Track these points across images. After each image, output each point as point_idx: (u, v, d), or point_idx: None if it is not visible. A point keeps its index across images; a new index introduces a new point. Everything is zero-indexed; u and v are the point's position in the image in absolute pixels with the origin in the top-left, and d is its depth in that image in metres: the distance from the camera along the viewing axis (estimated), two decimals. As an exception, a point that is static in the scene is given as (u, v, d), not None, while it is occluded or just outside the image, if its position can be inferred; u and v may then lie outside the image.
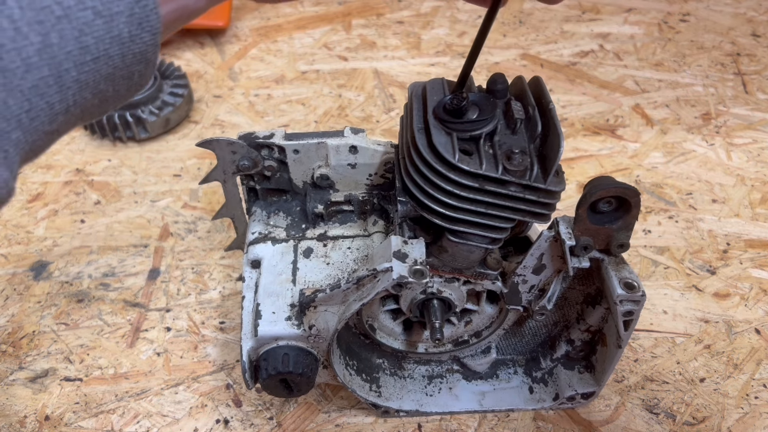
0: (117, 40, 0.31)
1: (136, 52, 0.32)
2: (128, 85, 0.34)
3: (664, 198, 0.86)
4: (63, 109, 0.31)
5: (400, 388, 0.64)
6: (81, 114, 0.33)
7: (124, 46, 0.31)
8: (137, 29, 0.32)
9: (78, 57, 0.30)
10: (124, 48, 0.32)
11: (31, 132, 0.31)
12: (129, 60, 0.32)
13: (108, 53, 0.31)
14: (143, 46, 0.33)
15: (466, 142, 0.47)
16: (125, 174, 0.92)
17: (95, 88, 0.32)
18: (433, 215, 0.49)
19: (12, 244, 0.82)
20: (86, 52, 0.30)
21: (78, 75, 0.31)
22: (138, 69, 0.34)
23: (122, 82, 0.33)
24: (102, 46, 0.31)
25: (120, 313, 0.74)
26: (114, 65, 0.32)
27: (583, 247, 0.50)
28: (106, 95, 0.33)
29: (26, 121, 0.30)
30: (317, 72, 1.10)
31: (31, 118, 0.30)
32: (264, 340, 0.53)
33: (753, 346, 0.69)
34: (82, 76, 0.31)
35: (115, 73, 0.32)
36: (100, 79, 0.32)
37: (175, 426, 0.64)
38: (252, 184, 0.63)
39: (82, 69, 0.31)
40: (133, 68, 0.33)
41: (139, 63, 0.33)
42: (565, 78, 1.07)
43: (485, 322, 0.62)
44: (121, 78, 0.33)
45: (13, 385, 0.67)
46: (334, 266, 0.58)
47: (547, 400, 0.64)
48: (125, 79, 0.34)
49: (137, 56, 0.33)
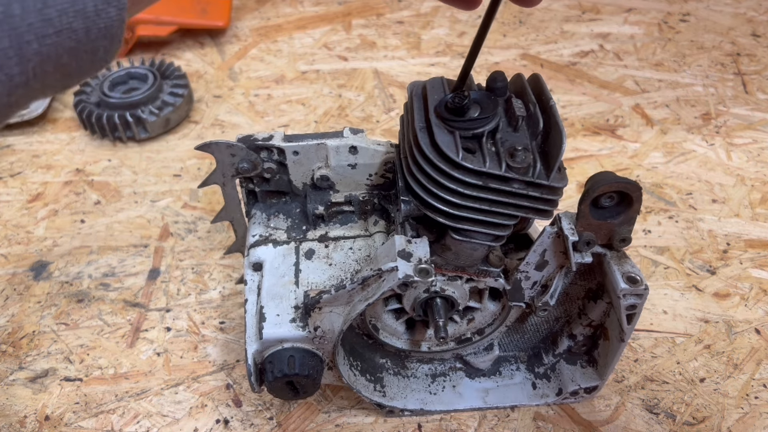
0: (81, 14, 0.30)
1: (101, 27, 0.32)
2: (92, 60, 0.33)
3: (664, 198, 0.86)
4: (23, 81, 0.31)
5: (403, 387, 0.64)
6: (42, 87, 0.32)
7: (88, 20, 0.31)
8: (102, 3, 0.31)
9: (40, 29, 0.29)
10: (88, 22, 0.31)
11: None
12: (94, 35, 0.32)
13: (72, 26, 0.30)
14: (108, 21, 0.32)
15: (469, 140, 0.47)
16: (125, 174, 0.92)
17: (57, 61, 0.31)
18: (437, 214, 0.49)
19: (12, 244, 0.82)
20: (49, 24, 0.30)
21: (40, 48, 0.30)
22: (103, 44, 0.33)
23: (86, 56, 0.33)
24: (65, 19, 0.30)
25: (120, 313, 0.74)
26: (78, 39, 0.31)
27: (585, 242, 0.50)
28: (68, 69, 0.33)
29: None
30: (317, 72, 1.10)
31: None
32: (269, 343, 0.53)
33: (753, 346, 0.69)
34: (44, 49, 0.30)
35: (78, 47, 0.32)
36: (63, 52, 0.31)
37: (175, 426, 0.64)
38: (251, 186, 0.63)
39: (44, 42, 0.30)
40: (98, 43, 0.32)
41: (104, 38, 0.33)
42: (565, 78, 1.07)
43: (488, 320, 0.62)
44: (85, 53, 0.32)
45: (13, 385, 0.67)
46: (336, 267, 0.58)
47: (550, 395, 0.64)
48: (89, 54, 0.33)
49: (102, 31, 0.32)
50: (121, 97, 0.96)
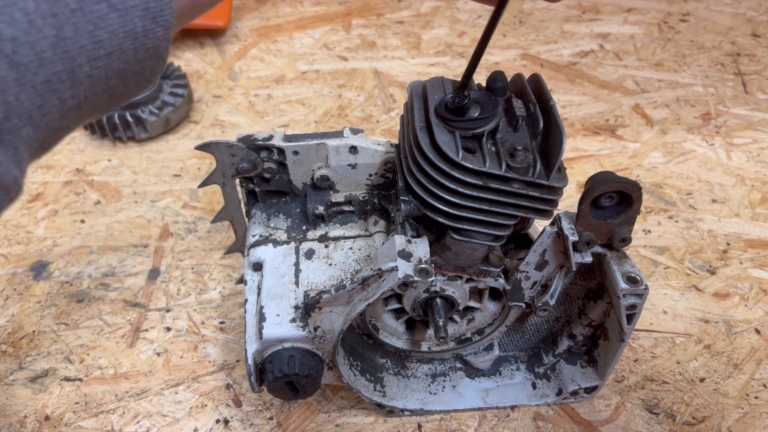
0: (131, 35, 0.30)
1: (149, 47, 0.32)
2: (138, 81, 0.34)
3: (664, 198, 0.86)
4: (74, 105, 0.31)
5: (404, 387, 0.64)
6: (91, 110, 0.32)
7: (137, 41, 0.31)
8: (151, 23, 0.31)
9: (91, 51, 0.29)
10: (137, 43, 0.31)
11: (42, 128, 0.30)
12: (141, 55, 0.32)
13: (121, 48, 0.30)
14: (156, 41, 0.32)
15: (469, 140, 0.47)
16: (125, 174, 0.92)
17: (106, 83, 0.31)
18: (437, 214, 0.49)
19: (12, 244, 0.82)
20: (100, 46, 0.30)
21: (91, 70, 0.30)
22: (149, 64, 0.33)
23: (133, 77, 0.33)
24: (116, 40, 0.30)
25: (120, 313, 0.74)
26: (126, 60, 0.31)
27: (585, 242, 0.50)
28: (116, 91, 0.33)
29: (37, 117, 0.29)
30: (317, 72, 1.10)
31: (43, 114, 0.29)
32: (269, 343, 0.53)
33: (753, 346, 0.69)
34: (94, 72, 0.30)
35: (126, 68, 0.32)
36: (112, 74, 0.31)
37: (175, 426, 0.63)
38: (251, 186, 0.63)
39: (95, 64, 0.30)
40: (145, 63, 0.33)
41: (151, 58, 0.33)
42: (565, 78, 1.07)
43: (488, 320, 0.62)
44: (132, 74, 0.33)
45: (13, 385, 0.67)
46: (336, 267, 0.58)
47: (550, 395, 0.64)
48: (136, 75, 0.33)
49: (150, 51, 0.32)
50: (121, 97, 0.96)
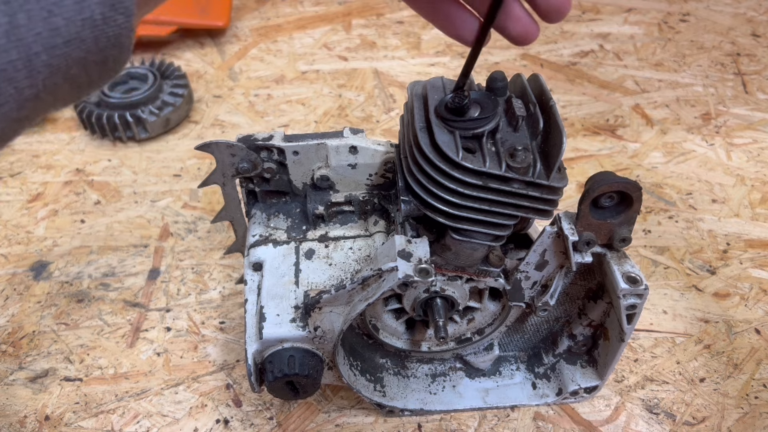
0: (89, 22, 0.29)
1: (110, 36, 0.31)
2: (101, 71, 0.33)
3: (664, 198, 0.86)
4: (32, 94, 0.30)
5: (404, 387, 0.64)
6: (53, 100, 0.32)
7: (96, 29, 0.30)
8: (110, 11, 0.30)
9: (48, 39, 0.28)
10: (96, 31, 0.30)
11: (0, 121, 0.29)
12: (103, 44, 0.31)
13: (80, 36, 0.29)
14: (117, 29, 0.31)
15: (469, 140, 0.47)
16: (125, 174, 0.92)
17: (67, 73, 0.31)
18: (437, 214, 0.49)
19: (12, 244, 0.82)
20: (56, 34, 0.29)
21: (48, 59, 0.29)
22: (113, 54, 0.32)
23: (96, 67, 0.32)
24: (73, 28, 0.29)
25: (120, 313, 0.74)
26: (87, 49, 0.30)
27: (585, 242, 0.50)
28: (79, 81, 0.32)
29: None
30: (317, 72, 1.10)
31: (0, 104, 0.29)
32: (269, 343, 0.53)
33: (753, 346, 0.69)
34: (53, 60, 0.29)
35: (87, 57, 0.31)
36: (72, 63, 0.30)
37: (175, 426, 0.63)
38: (251, 186, 0.63)
39: (52, 53, 0.29)
40: (108, 53, 0.32)
41: (113, 47, 0.32)
42: (565, 78, 1.07)
43: (488, 320, 0.62)
44: (95, 63, 0.32)
45: (13, 385, 0.67)
46: (336, 267, 0.58)
47: (550, 395, 0.64)
48: (99, 65, 0.32)
49: (111, 40, 0.31)
50: (121, 97, 0.96)
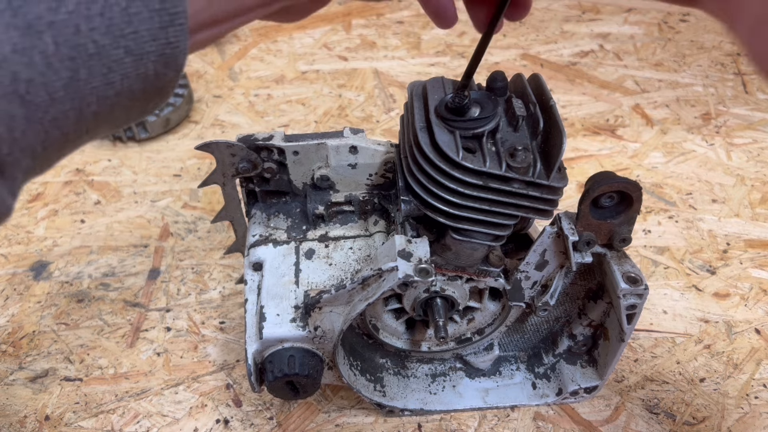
0: (142, 77, 0.31)
1: (158, 87, 0.32)
2: (141, 114, 0.34)
3: (664, 198, 0.86)
4: (76, 137, 0.31)
5: (404, 387, 0.64)
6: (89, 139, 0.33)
7: (147, 83, 0.31)
8: (163, 68, 0.31)
9: (102, 92, 0.30)
10: (147, 84, 0.31)
11: (41, 159, 0.31)
12: (150, 94, 0.32)
13: (131, 88, 0.31)
14: (165, 83, 0.32)
15: (469, 140, 0.47)
16: (125, 174, 0.92)
17: (110, 117, 0.32)
18: (437, 214, 0.49)
19: (12, 244, 0.82)
20: (111, 87, 0.30)
21: (98, 108, 0.30)
22: (155, 101, 0.33)
23: (136, 112, 0.33)
24: (127, 82, 0.30)
25: (120, 313, 0.74)
26: (134, 98, 0.32)
27: (585, 242, 0.50)
28: (117, 122, 0.33)
29: (39, 150, 0.30)
30: (317, 72, 1.10)
31: (45, 147, 0.30)
32: (269, 343, 0.53)
33: (753, 346, 0.69)
34: (101, 109, 0.30)
35: (133, 105, 0.32)
36: (118, 111, 0.32)
37: (175, 426, 0.63)
38: (251, 186, 0.63)
39: (103, 103, 0.30)
40: (151, 100, 0.33)
41: (158, 95, 0.33)
42: (565, 78, 1.07)
43: (488, 320, 0.62)
44: (137, 109, 0.33)
45: (13, 385, 0.67)
46: (336, 267, 0.58)
47: (550, 395, 0.64)
48: (140, 110, 0.33)
49: (158, 90, 0.33)
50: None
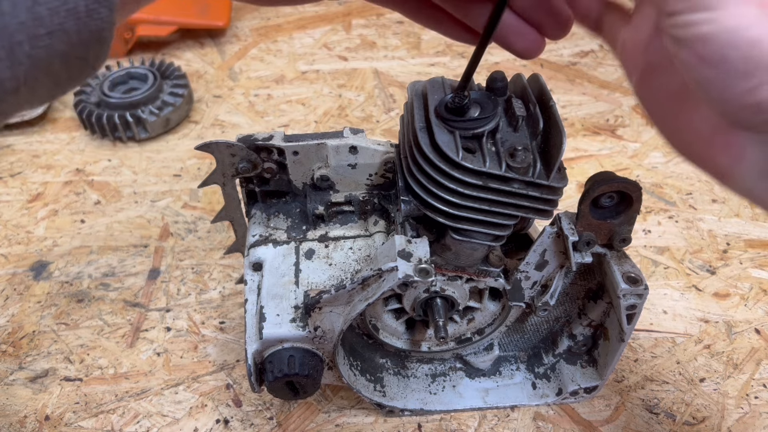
0: (73, 14, 0.29)
1: (93, 29, 0.30)
2: (82, 67, 0.32)
3: (664, 198, 0.86)
4: (13, 87, 0.29)
5: (404, 387, 0.64)
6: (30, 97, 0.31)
7: (80, 21, 0.29)
8: (94, 3, 0.29)
9: (31, 29, 0.28)
10: (80, 23, 0.29)
11: None
12: (85, 37, 0.30)
13: (63, 27, 0.29)
14: (100, 23, 0.30)
15: (469, 140, 0.47)
16: (125, 174, 0.92)
17: (48, 67, 0.30)
18: (437, 214, 0.49)
19: (12, 244, 0.82)
20: (40, 24, 0.28)
21: (31, 50, 0.28)
22: (94, 49, 0.31)
23: (77, 62, 0.31)
24: (57, 18, 0.28)
25: (120, 313, 0.74)
26: (70, 42, 0.29)
27: (585, 242, 0.50)
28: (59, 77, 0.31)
29: None
30: (317, 72, 1.10)
31: None
32: (269, 343, 0.53)
33: (753, 346, 0.69)
34: (35, 52, 0.28)
35: (69, 51, 0.30)
36: (55, 56, 0.29)
37: (175, 426, 0.63)
38: (251, 186, 0.63)
39: (35, 43, 0.28)
40: (89, 48, 0.31)
41: (95, 42, 0.31)
42: (565, 78, 1.07)
43: (488, 320, 0.62)
44: (76, 58, 0.31)
45: (13, 385, 0.67)
46: (336, 267, 0.58)
47: (550, 395, 0.64)
48: (80, 60, 0.31)
49: (94, 34, 0.30)
50: (121, 97, 0.96)
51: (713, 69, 0.31)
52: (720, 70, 0.31)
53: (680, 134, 0.39)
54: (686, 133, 0.39)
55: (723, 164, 0.37)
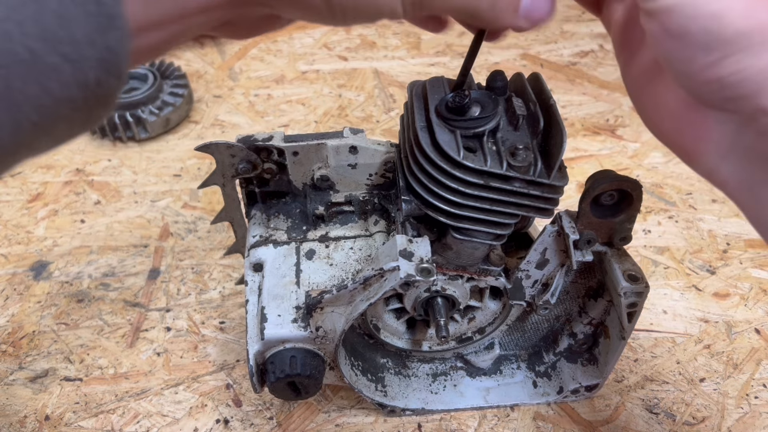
0: (82, 85, 0.29)
1: (100, 96, 0.30)
2: (84, 126, 0.32)
3: (664, 198, 0.86)
4: (13, 149, 0.29)
5: (405, 386, 0.64)
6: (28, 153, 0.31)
7: (88, 91, 0.29)
8: (105, 74, 0.29)
9: (38, 100, 0.28)
10: (88, 92, 0.29)
11: None
12: (91, 103, 0.30)
13: (71, 97, 0.29)
14: (108, 90, 0.30)
15: (470, 139, 0.47)
16: (125, 174, 0.92)
17: (51, 130, 0.30)
18: (438, 213, 0.49)
19: (12, 244, 0.82)
20: (48, 95, 0.28)
21: (37, 119, 0.28)
22: (98, 112, 0.31)
23: (79, 123, 0.31)
24: (66, 91, 0.28)
25: (120, 313, 0.74)
26: (75, 108, 0.30)
27: (586, 240, 0.50)
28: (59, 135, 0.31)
29: None
30: (317, 72, 1.10)
31: None
32: (271, 343, 0.53)
33: (753, 346, 0.70)
34: (41, 120, 0.28)
35: (74, 115, 0.30)
36: (59, 121, 0.30)
37: (175, 426, 0.63)
38: (251, 187, 0.63)
39: (41, 112, 0.28)
40: (93, 111, 0.31)
41: (101, 106, 0.31)
42: (565, 78, 1.07)
43: (488, 319, 0.62)
44: (80, 120, 0.31)
45: (13, 385, 0.67)
46: (337, 267, 0.57)
47: (551, 393, 0.64)
48: (83, 121, 0.31)
49: (100, 100, 0.30)
50: (121, 97, 0.96)
51: (677, 42, 0.32)
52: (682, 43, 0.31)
53: (653, 112, 0.40)
54: (658, 110, 0.39)
55: (688, 143, 0.38)
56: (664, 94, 0.38)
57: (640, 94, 0.40)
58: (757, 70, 0.30)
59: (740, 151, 0.35)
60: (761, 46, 0.29)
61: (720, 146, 0.36)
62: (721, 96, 0.32)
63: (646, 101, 0.40)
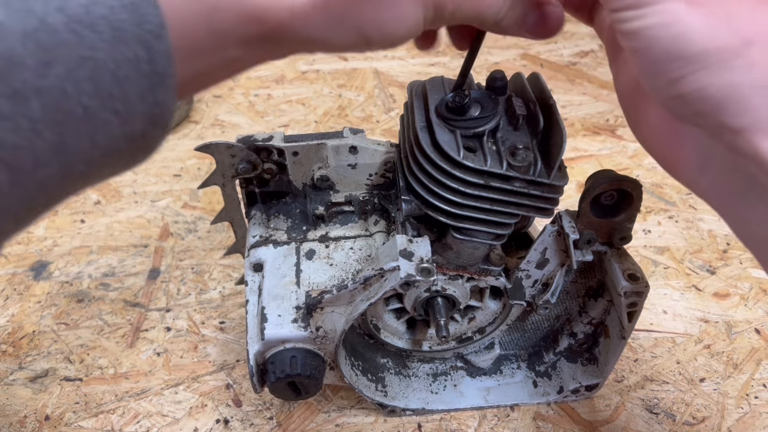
0: (129, 137, 0.30)
1: (144, 146, 0.32)
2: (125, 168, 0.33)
3: (664, 198, 0.86)
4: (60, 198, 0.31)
5: (405, 386, 0.64)
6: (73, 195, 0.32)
7: (134, 143, 0.31)
8: (150, 127, 0.31)
9: (88, 153, 0.29)
10: (133, 144, 0.31)
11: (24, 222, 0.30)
12: (135, 152, 0.32)
13: (118, 148, 0.30)
14: (152, 141, 0.32)
15: (470, 139, 0.47)
16: (125, 174, 0.92)
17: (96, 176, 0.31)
18: (438, 213, 0.49)
19: (12, 244, 0.82)
20: (97, 148, 0.29)
21: (85, 170, 0.30)
22: (140, 158, 0.33)
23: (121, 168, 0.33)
24: (114, 143, 0.30)
25: (120, 313, 0.74)
26: (121, 157, 0.31)
27: (586, 240, 0.50)
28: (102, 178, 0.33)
29: (23, 214, 0.29)
30: (317, 72, 1.10)
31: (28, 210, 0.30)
32: (271, 343, 0.53)
33: (753, 346, 0.70)
34: (87, 170, 0.30)
35: (118, 163, 0.32)
36: (105, 169, 0.31)
37: (175, 426, 0.63)
38: (251, 187, 0.63)
39: (89, 164, 0.30)
40: (136, 157, 0.33)
41: (142, 153, 0.32)
42: (565, 78, 1.07)
43: (489, 318, 0.62)
44: (122, 166, 0.32)
45: (13, 385, 0.67)
46: (337, 267, 0.57)
47: (551, 393, 0.64)
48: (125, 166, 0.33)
49: (144, 148, 0.32)
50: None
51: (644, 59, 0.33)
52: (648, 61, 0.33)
53: (638, 123, 0.42)
54: (643, 124, 0.41)
55: (669, 155, 0.40)
56: (647, 106, 0.40)
57: (628, 105, 0.42)
58: (716, 88, 0.31)
59: (715, 164, 0.37)
60: (721, 65, 0.31)
61: (698, 159, 0.38)
62: (687, 111, 0.33)
63: (632, 112, 0.42)
